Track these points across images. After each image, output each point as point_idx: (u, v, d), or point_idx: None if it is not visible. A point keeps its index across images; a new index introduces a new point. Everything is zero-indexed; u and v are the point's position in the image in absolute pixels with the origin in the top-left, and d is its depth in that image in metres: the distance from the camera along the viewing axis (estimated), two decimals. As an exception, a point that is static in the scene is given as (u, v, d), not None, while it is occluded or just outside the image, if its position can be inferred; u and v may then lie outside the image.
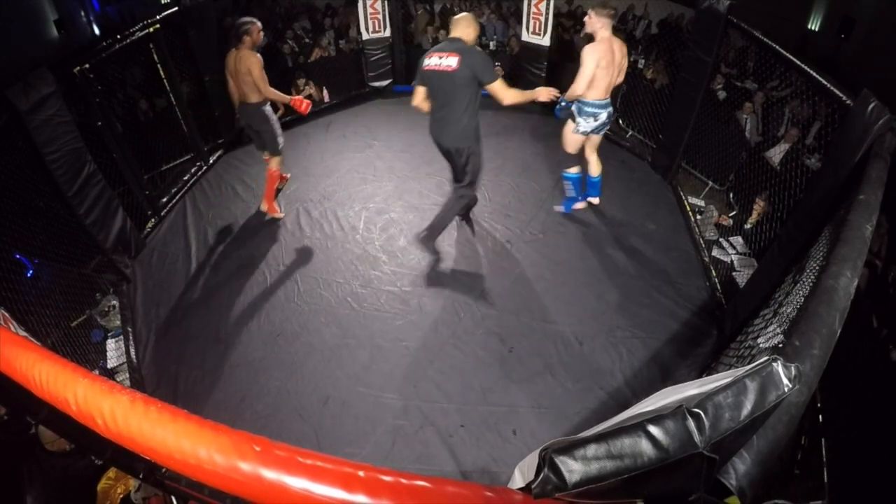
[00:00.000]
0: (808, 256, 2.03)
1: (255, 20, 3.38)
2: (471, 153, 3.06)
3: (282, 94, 3.53)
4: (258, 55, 3.37)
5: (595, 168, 3.77)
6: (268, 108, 3.60)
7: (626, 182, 4.41)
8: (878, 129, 2.01)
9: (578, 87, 3.23)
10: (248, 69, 3.33)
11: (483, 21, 6.66)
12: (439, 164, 4.58)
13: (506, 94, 2.85)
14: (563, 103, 3.40)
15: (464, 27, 2.83)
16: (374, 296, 3.26)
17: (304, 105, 3.64)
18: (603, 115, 3.38)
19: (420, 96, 2.97)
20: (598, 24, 3.19)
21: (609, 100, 3.38)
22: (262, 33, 3.42)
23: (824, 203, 2.25)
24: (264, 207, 3.96)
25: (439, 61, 2.76)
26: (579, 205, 3.94)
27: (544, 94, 3.05)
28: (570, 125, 3.47)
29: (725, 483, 0.83)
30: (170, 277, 3.48)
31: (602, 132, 3.55)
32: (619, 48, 3.23)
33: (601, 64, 3.16)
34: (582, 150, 3.66)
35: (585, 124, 3.40)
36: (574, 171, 3.73)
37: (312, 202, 4.14)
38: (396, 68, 5.88)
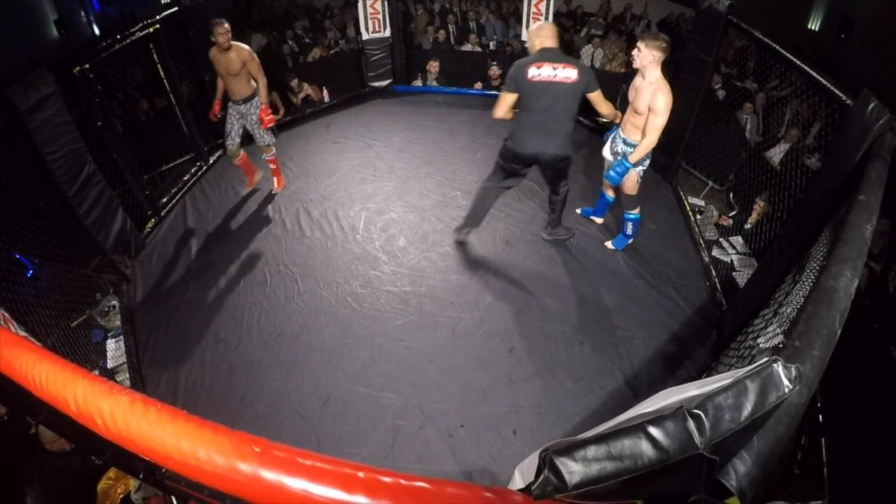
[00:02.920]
0: (808, 256, 2.03)
1: (219, 20, 3.48)
2: (569, 160, 3.09)
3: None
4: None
5: (612, 191, 3.61)
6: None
7: (626, 182, 4.41)
8: (878, 129, 2.01)
9: (651, 142, 2.95)
10: (243, 62, 3.55)
11: (483, 21, 6.66)
12: (439, 164, 4.60)
13: (605, 104, 2.90)
14: (611, 135, 3.23)
15: (556, 36, 2.84)
16: (374, 296, 3.26)
17: (267, 118, 3.79)
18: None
19: (508, 106, 2.89)
20: (650, 59, 2.78)
21: None
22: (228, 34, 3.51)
23: (824, 203, 2.25)
24: (277, 186, 4.25)
25: (554, 72, 2.74)
26: (597, 220, 3.85)
27: (617, 117, 3.12)
28: (633, 175, 3.17)
29: (726, 484, 0.83)
30: (170, 277, 3.48)
31: None
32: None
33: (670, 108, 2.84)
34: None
35: (644, 168, 3.22)
36: (636, 211, 3.44)
37: (312, 202, 4.14)
38: (396, 68, 5.88)
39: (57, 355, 1.02)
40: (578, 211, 3.94)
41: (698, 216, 4.02)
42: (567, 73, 2.75)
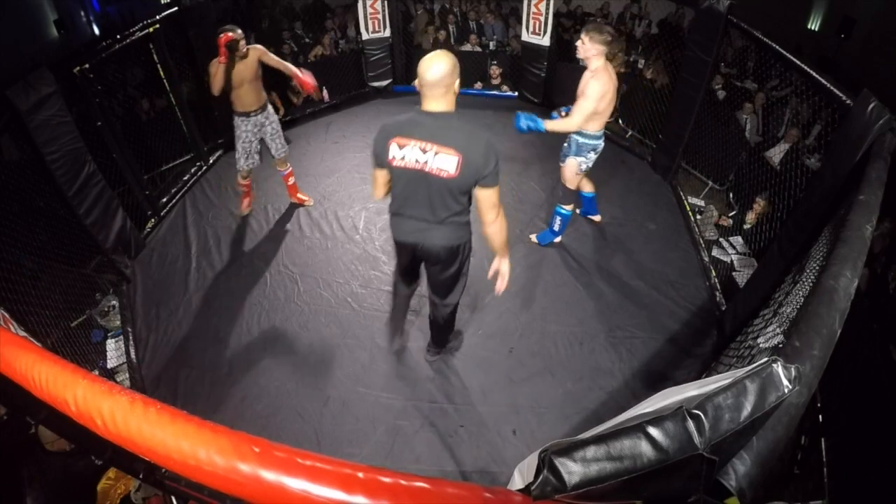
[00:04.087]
0: (808, 256, 2.03)
1: (229, 27, 3.12)
2: (467, 253, 2.22)
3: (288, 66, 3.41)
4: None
5: (589, 185, 3.56)
6: None
7: (626, 182, 4.41)
8: (878, 129, 2.01)
9: (573, 123, 2.89)
10: (259, 62, 3.26)
11: (482, 21, 6.66)
12: (439, 164, 4.59)
13: (493, 210, 1.94)
14: (563, 111, 3.13)
15: (448, 83, 1.79)
16: (374, 296, 3.26)
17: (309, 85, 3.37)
18: (601, 144, 3.11)
19: (381, 185, 2.06)
20: (593, 50, 2.79)
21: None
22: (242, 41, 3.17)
23: (824, 203, 2.25)
24: (299, 199, 4.09)
25: (423, 157, 1.82)
26: (595, 218, 3.82)
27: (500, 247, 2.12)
28: (572, 164, 3.16)
29: (725, 484, 0.83)
30: (170, 277, 3.48)
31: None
32: (613, 72, 2.91)
33: (607, 98, 2.85)
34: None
35: (587, 161, 3.13)
36: (569, 208, 3.41)
37: (312, 202, 4.14)
38: (396, 68, 5.88)
39: (57, 355, 1.02)
40: (577, 211, 3.94)
41: (698, 216, 4.02)
42: (441, 164, 1.80)
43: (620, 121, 5.38)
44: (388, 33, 5.60)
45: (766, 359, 0.89)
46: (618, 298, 3.25)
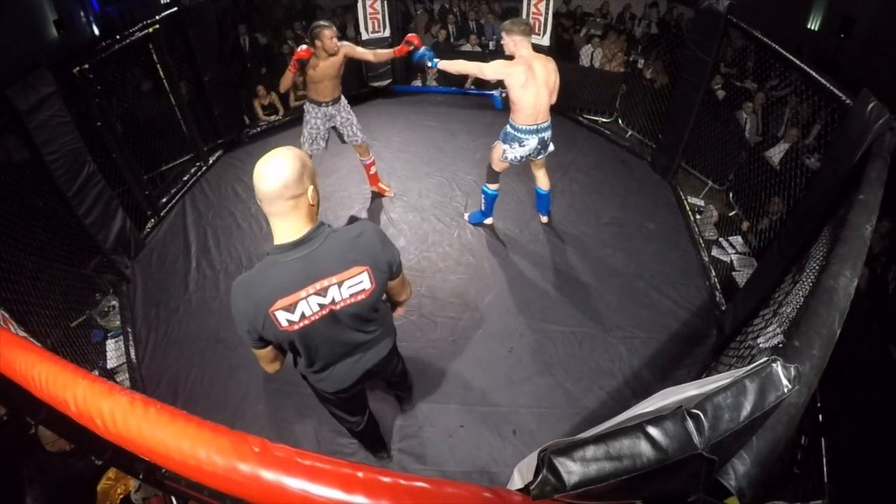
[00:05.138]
0: (808, 256, 2.03)
1: (325, 24, 3.17)
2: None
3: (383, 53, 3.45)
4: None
5: (543, 181, 3.52)
6: None
7: (626, 182, 4.41)
8: (877, 128, 2.01)
9: (461, 66, 2.97)
10: (345, 58, 3.26)
11: (483, 21, 6.66)
12: (439, 164, 4.60)
13: (405, 291, 1.72)
14: (503, 93, 3.16)
15: (295, 193, 1.31)
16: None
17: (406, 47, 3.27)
18: (532, 142, 3.05)
19: (268, 361, 1.56)
20: (511, 45, 2.89)
21: (544, 124, 3.05)
22: (334, 39, 3.17)
23: (824, 203, 2.25)
24: (388, 190, 4.16)
25: (324, 300, 1.38)
26: (488, 220, 3.79)
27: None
28: (499, 147, 3.18)
29: (725, 484, 0.83)
30: (170, 277, 3.48)
31: (543, 156, 3.25)
32: (540, 65, 2.90)
33: (514, 83, 2.86)
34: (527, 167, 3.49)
35: (512, 151, 3.10)
36: (494, 187, 3.47)
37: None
38: (396, 68, 5.88)
39: (57, 355, 1.02)
40: (466, 217, 3.89)
41: (698, 216, 4.02)
42: (353, 289, 1.40)
43: (620, 121, 5.39)
44: (387, 33, 5.60)
45: (765, 358, 0.89)
46: (618, 298, 3.25)
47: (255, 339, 1.44)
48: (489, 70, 2.90)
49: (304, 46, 3.09)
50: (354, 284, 1.40)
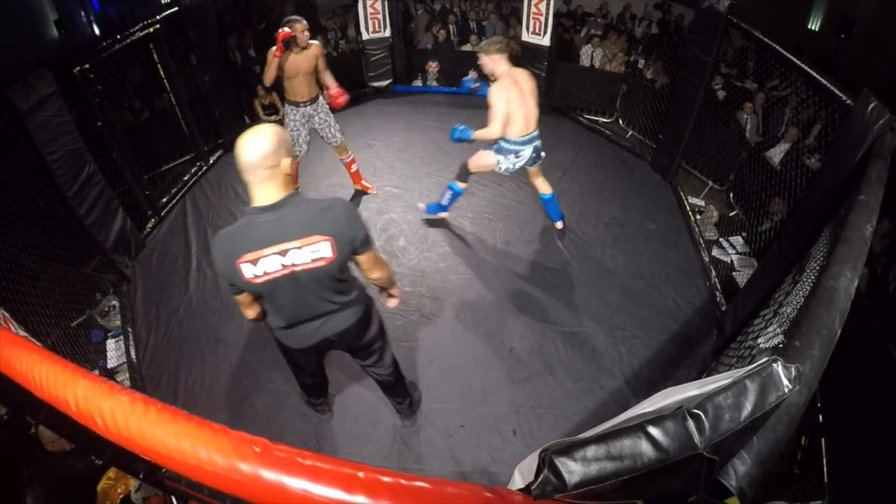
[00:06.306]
0: (808, 256, 2.03)
1: (297, 18, 3.27)
2: (379, 328, 2.03)
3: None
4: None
5: (543, 186, 3.54)
6: None
7: (626, 182, 4.41)
8: (878, 129, 2.01)
9: (494, 130, 2.99)
10: (316, 57, 3.35)
11: (484, 23, 6.66)
12: (439, 164, 4.60)
13: (378, 268, 1.78)
14: (474, 84, 3.27)
15: (271, 164, 1.46)
16: (374, 295, 3.25)
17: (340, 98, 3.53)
18: (526, 151, 3.13)
19: (247, 306, 1.74)
20: (490, 63, 2.96)
21: (535, 132, 3.12)
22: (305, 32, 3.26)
23: (824, 203, 2.25)
24: (371, 188, 4.23)
25: (286, 261, 1.52)
26: (444, 214, 3.79)
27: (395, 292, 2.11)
28: (491, 156, 3.21)
29: (725, 484, 0.83)
30: (170, 277, 3.48)
31: (537, 164, 3.33)
32: (523, 76, 3.02)
33: (511, 99, 2.94)
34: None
35: (507, 162, 3.16)
36: (462, 186, 3.51)
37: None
38: (396, 68, 5.88)
39: (57, 355, 1.02)
40: (421, 206, 3.93)
41: (698, 216, 4.02)
42: (312, 255, 1.52)
43: (621, 121, 5.39)
44: (388, 33, 5.60)
45: (766, 358, 0.89)
46: (618, 298, 3.25)
47: (229, 286, 1.63)
48: (499, 113, 2.94)
49: (285, 29, 3.13)
50: (315, 251, 1.52)
